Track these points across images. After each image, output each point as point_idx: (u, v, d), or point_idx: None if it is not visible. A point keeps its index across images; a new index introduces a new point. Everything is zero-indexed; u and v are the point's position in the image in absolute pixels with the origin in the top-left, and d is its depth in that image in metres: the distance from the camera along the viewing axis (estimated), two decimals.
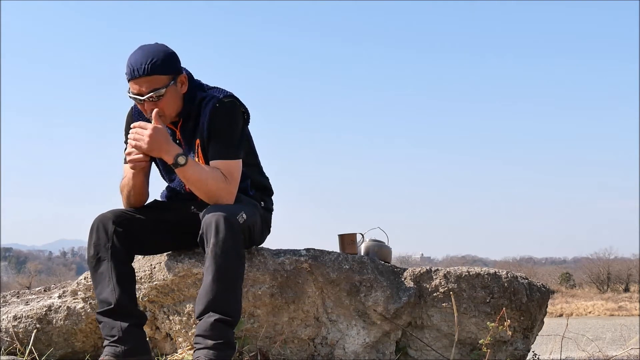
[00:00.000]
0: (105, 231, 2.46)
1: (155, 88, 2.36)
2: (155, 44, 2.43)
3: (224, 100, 2.48)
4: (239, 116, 2.51)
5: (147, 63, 2.34)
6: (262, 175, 2.78)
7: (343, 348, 2.72)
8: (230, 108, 2.48)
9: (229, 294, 2.28)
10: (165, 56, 2.38)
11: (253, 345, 2.67)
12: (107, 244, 2.44)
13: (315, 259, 2.71)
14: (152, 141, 2.34)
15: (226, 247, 2.26)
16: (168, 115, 2.45)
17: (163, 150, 2.36)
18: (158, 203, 2.69)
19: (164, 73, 2.37)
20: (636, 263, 44.05)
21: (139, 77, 2.35)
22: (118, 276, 2.43)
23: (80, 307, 2.85)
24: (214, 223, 2.28)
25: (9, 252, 75.71)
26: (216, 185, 2.39)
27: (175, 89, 2.42)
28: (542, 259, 77.46)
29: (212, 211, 2.33)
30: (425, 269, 2.86)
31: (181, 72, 2.44)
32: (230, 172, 2.43)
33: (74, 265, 70.48)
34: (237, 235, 2.30)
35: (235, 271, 2.30)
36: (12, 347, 2.86)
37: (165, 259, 2.71)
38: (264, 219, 2.66)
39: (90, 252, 2.48)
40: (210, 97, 2.49)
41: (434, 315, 2.81)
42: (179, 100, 2.45)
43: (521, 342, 2.88)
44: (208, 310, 2.25)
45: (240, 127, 2.51)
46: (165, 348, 2.83)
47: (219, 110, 2.46)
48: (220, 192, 2.40)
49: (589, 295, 41.92)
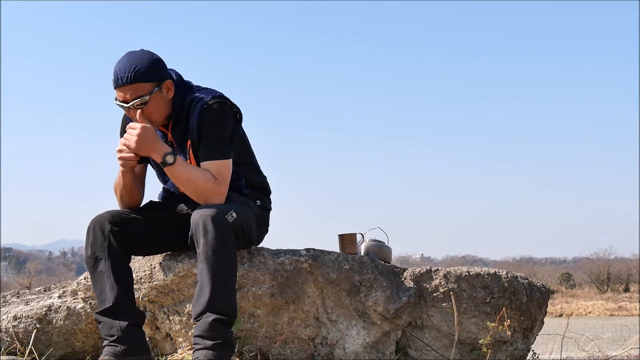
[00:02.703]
0: (101, 231, 2.47)
1: (139, 95, 2.38)
2: (141, 50, 2.45)
3: (212, 101, 2.48)
4: (228, 116, 2.51)
5: (131, 71, 2.36)
6: (259, 174, 2.77)
7: (343, 348, 2.72)
8: (219, 109, 2.48)
9: (224, 293, 2.28)
10: (149, 63, 2.40)
11: (253, 345, 2.67)
12: (104, 243, 2.46)
13: (315, 259, 2.71)
14: (140, 140, 2.38)
15: (216, 246, 2.27)
16: (155, 121, 2.47)
17: (151, 149, 2.40)
18: (154, 204, 2.69)
19: (148, 80, 2.39)
20: (636, 263, 44.03)
21: (123, 85, 2.38)
22: (116, 275, 2.45)
23: (80, 307, 2.85)
24: (201, 224, 2.29)
25: (9, 252, 75.67)
26: (205, 185, 2.41)
27: (161, 95, 2.43)
28: (542, 259, 77.43)
29: (200, 212, 2.34)
30: (425, 269, 2.86)
31: (166, 78, 2.45)
32: (219, 173, 2.44)
33: (74, 265, 70.47)
34: (226, 234, 2.30)
35: (228, 270, 2.30)
36: (12, 347, 2.86)
37: (165, 259, 2.71)
38: (260, 218, 2.66)
39: (88, 252, 2.49)
40: (198, 98, 2.50)
41: (434, 315, 2.81)
42: (165, 106, 2.47)
43: (521, 342, 2.88)
44: (205, 311, 2.25)
45: (230, 126, 2.52)
46: (165, 348, 2.83)
47: (207, 111, 2.46)
48: (210, 192, 2.41)
49: (589, 295, 41.90)
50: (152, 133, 2.40)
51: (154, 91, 2.40)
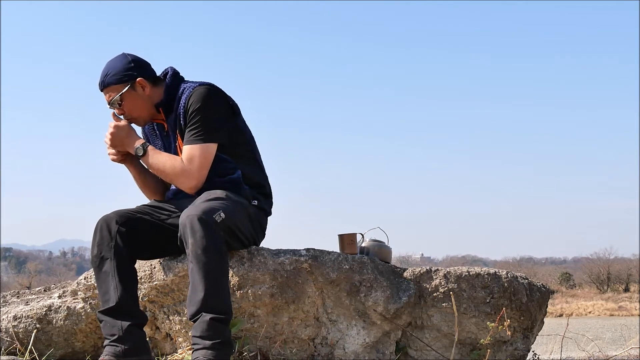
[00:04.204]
0: (108, 231, 2.50)
1: (113, 97, 2.63)
2: (118, 55, 2.67)
3: (198, 88, 2.59)
4: (213, 101, 2.59)
5: (103, 77, 2.64)
6: (260, 171, 2.77)
7: (343, 348, 2.72)
8: (202, 94, 2.58)
9: (218, 292, 2.28)
10: (120, 66, 2.63)
11: (253, 345, 2.67)
12: (111, 243, 2.49)
13: (315, 259, 2.71)
14: (113, 137, 2.63)
15: (205, 245, 2.27)
16: (138, 117, 2.68)
17: (125, 144, 2.63)
18: (164, 204, 2.70)
19: (118, 82, 2.62)
20: (636, 263, 44.04)
21: (103, 90, 2.66)
22: (121, 275, 2.46)
23: (80, 307, 2.85)
24: (188, 224, 2.31)
25: (9, 252, 75.67)
26: (173, 171, 2.56)
27: (135, 93, 2.63)
28: (542, 259, 77.42)
29: (187, 212, 2.36)
30: (425, 269, 2.86)
31: (137, 77, 2.62)
32: (189, 157, 2.55)
33: (74, 265, 70.48)
34: (214, 233, 2.30)
35: (219, 268, 2.30)
36: (12, 347, 2.86)
37: (165, 259, 2.71)
38: (254, 219, 2.64)
39: (94, 252, 2.51)
40: (188, 86, 2.63)
41: (434, 315, 2.81)
42: (143, 102, 2.65)
43: (521, 342, 2.88)
44: (200, 310, 2.25)
45: (216, 113, 2.59)
46: (165, 348, 2.83)
47: (191, 97, 2.58)
48: (178, 175, 2.56)
49: (589, 295, 41.92)
50: (124, 130, 2.63)
51: (124, 91, 2.60)
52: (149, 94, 2.64)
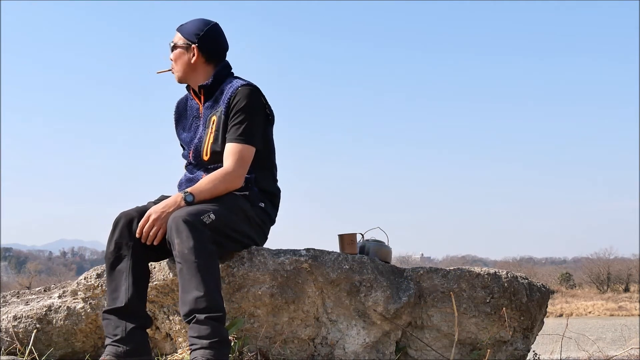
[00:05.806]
0: (128, 229, 2.47)
1: (174, 41, 2.74)
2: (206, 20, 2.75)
3: (245, 86, 2.63)
4: (258, 104, 2.63)
5: (182, 24, 2.74)
6: (274, 182, 2.78)
7: (343, 348, 2.72)
8: (251, 93, 2.62)
9: (209, 290, 2.27)
10: (191, 29, 2.71)
11: (253, 345, 2.67)
12: (130, 242, 2.46)
13: (315, 259, 2.71)
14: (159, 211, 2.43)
15: (191, 245, 2.27)
16: (177, 72, 2.74)
17: (169, 206, 2.45)
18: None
19: (183, 35, 2.72)
20: (636, 263, 44.05)
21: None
22: (135, 276, 2.44)
23: (80, 307, 2.85)
24: (174, 226, 2.31)
25: (9, 252, 75.67)
26: (225, 186, 2.52)
27: (185, 54, 2.70)
28: (542, 259, 77.50)
29: (174, 215, 2.36)
30: (425, 269, 2.86)
31: (194, 44, 2.68)
32: (241, 156, 2.55)
33: (74, 266, 70.48)
34: (200, 234, 2.29)
35: (207, 267, 2.29)
36: (12, 347, 2.86)
37: (165, 259, 2.71)
38: (254, 219, 2.63)
39: (110, 248, 2.47)
40: (235, 81, 2.68)
41: (434, 315, 2.81)
42: (186, 66, 2.70)
43: (521, 342, 2.88)
44: (193, 309, 2.25)
45: (257, 116, 2.62)
46: (165, 348, 2.83)
47: (239, 92, 2.61)
48: (229, 183, 2.54)
49: (589, 295, 41.94)
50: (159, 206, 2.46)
51: (181, 45, 2.71)
52: (195, 64, 2.69)
